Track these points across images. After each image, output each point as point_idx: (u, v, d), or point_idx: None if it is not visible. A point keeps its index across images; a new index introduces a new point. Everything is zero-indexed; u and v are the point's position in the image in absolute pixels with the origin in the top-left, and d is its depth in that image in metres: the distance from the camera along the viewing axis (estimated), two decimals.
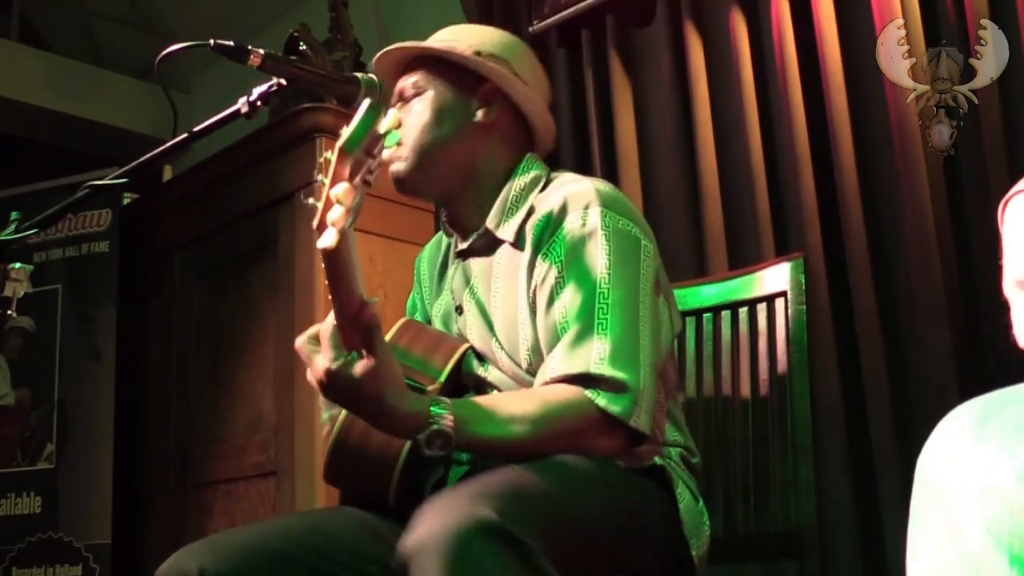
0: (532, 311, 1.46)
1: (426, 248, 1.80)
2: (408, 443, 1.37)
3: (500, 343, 1.51)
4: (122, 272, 3.27)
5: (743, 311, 1.82)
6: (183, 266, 3.16)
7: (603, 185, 1.51)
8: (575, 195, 1.47)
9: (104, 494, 3.06)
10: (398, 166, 1.56)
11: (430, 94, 1.57)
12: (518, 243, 1.51)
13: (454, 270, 1.64)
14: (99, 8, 4.37)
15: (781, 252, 2.25)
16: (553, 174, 1.60)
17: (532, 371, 1.46)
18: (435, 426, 1.24)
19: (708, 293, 1.86)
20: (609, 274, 1.40)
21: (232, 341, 2.94)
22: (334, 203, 1.12)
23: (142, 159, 1.47)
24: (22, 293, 1.39)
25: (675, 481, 1.42)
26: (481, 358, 1.55)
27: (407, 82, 1.59)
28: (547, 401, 1.35)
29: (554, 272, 1.43)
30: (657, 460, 1.41)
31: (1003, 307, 1.12)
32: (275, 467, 2.68)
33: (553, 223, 1.46)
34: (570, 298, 1.40)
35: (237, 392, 2.88)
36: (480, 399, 1.38)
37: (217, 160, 3.04)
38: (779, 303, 1.77)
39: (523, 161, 1.59)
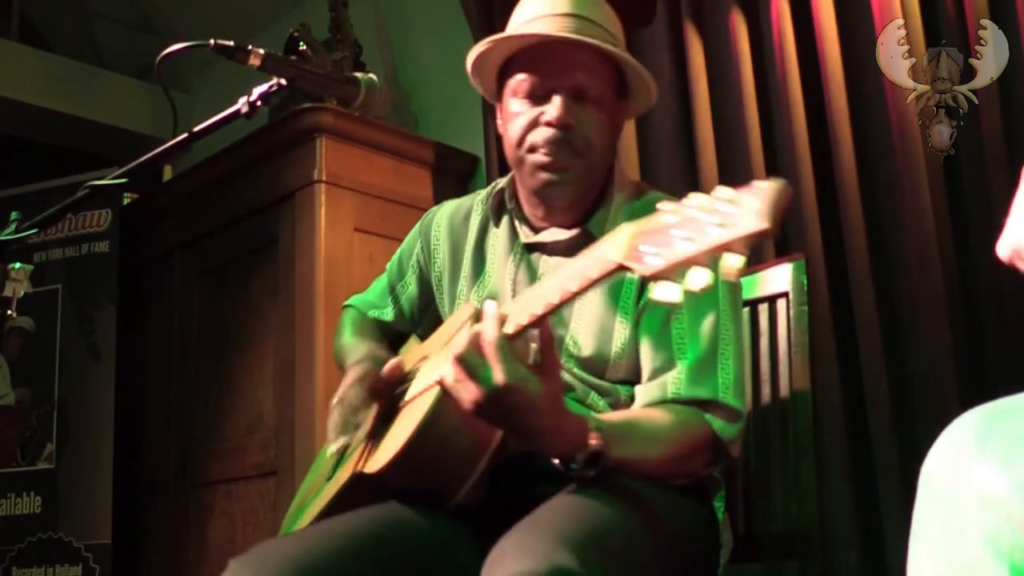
0: (635, 323, 1.47)
1: (444, 216, 1.73)
2: (496, 440, 1.33)
3: (574, 346, 1.49)
4: (122, 272, 3.27)
5: (745, 311, 1.82)
6: (183, 266, 3.16)
7: None
8: None
9: (104, 494, 3.06)
10: (569, 176, 1.51)
11: (608, 116, 1.54)
12: None
13: (514, 261, 1.59)
14: (99, 8, 4.37)
15: (781, 253, 2.25)
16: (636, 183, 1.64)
17: (614, 379, 1.48)
18: (592, 449, 1.24)
19: None
20: (729, 308, 1.46)
21: (232, 341, 2.94)
22: (701, 268, 1.06)
23: (142, 159, 1.47)
24: (22, 293, 1.39)
25: (715, 495, 1.48)
26: None
27: (593, 81, 1.52)
28: (677, 423, 1.37)
29: None
30: (710, 478, 1.46)
31: (1003, 300, 1.11)
32: (275, 467, 2.68)
33: None
34: (692, 324, 1.44)
35: (237, 392, 2.88)
36: (617, 418, 1.38)
37: (217, 160, 3.04)
38: (780, 304, 1.77)
39: (613, 166, 1.59)
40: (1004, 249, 1.01)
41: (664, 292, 1.07)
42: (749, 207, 1.08)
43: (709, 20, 2.53)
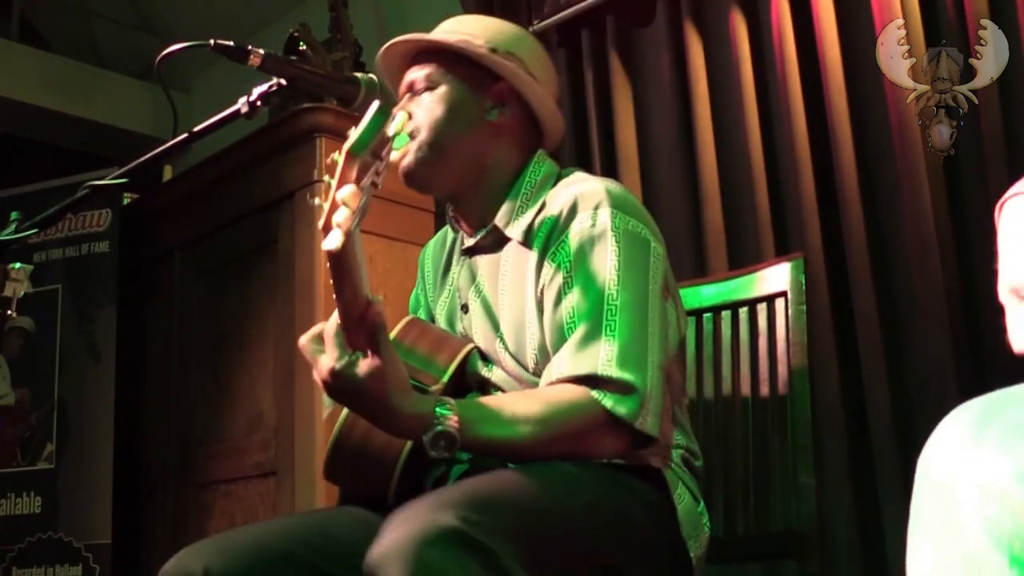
0: (539, 310, 1.45)
1: (430, 244, 1.79)
2: (410, 443, 1.36)
3: (505, 343, 1.50)
4: (122, 272, 3.27)
5: (743, 311, 1.82)
6: (183, 266, 3.16)
7: (613, 185, 1.50)
8: (585, 194, 1.46)
9: (104, 494, 3.06)
10: (408, 160, 1.54)
11: (444, 89, 1.55)
12: (527, 241, 1.50)
13: (459, 268, 1.62)
14: (99, 8, 4.37)
15: (781, 252, 2.26)
16: (563, 171, 1.59)
17: (538, 372, 1.46)
18: (440, 427, 1.24)
19: (708, 293, 1.86)
20: (618, 276, 1.40)
21: (232, 341, 2.94)
22: (340, 205, 1.13)
23: (142, 159, 1.46)
24: (22, 293, 1.39)
25: (674, 484, 1.42)
26: (485, 358, 1.54)
27: (418, 74, 1.57)
28: (552, 402, 1.34)
29: (562, 272, 1.43)
30: (654, 463, 1.40)
31: (1001, 309, 1.12)
32: (275, 467, 2.68)
33: (562, 222, 1.45)
34: (578, 299, 1.40)
35: (237, 392, 2.88)
36: (485, 400, 1.38)
37: (217, 160, 3.04)
38: (779, 303, 1.77)
39: (534, 159, 1.58)
40: (1004, 291, 1.02)
41: (329, 241, 1.13)
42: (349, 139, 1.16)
43: (709, 20, 2.53)
